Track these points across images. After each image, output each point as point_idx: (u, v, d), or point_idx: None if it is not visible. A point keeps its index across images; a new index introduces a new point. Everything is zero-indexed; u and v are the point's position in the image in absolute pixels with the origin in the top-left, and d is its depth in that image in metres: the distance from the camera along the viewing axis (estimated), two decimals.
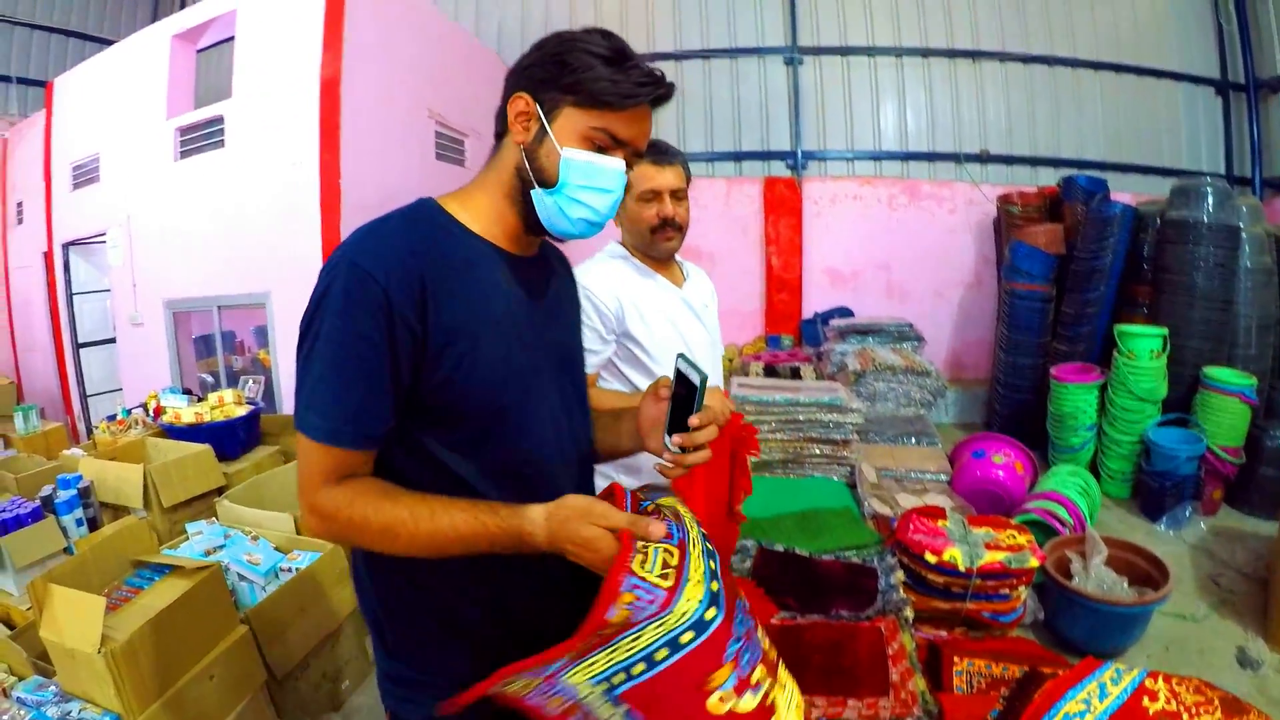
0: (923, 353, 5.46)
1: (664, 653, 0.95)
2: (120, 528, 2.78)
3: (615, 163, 1.14)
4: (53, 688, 2.17)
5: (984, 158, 6.88)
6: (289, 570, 2.71)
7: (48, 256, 7.07)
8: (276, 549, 2.84)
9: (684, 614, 0.96)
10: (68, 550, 2.93)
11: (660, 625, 0.95)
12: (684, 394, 1.14)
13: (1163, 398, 4.61)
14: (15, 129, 7.88)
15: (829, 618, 2.19)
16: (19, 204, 7.71)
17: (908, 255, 7.00)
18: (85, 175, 6.47)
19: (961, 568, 2.68)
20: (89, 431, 6.79)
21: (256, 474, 3.56)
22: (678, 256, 2.17)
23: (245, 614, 2.49)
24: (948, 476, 3.91)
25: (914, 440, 4.28)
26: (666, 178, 1.99)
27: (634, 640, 0.96)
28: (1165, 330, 4.63)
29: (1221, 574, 3.67)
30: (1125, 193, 5.96)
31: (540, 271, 1.30)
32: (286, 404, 5.17)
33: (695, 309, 2.11)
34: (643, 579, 0.97)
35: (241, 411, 3.96)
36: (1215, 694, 1.99)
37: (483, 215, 1.20)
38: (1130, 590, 3.12)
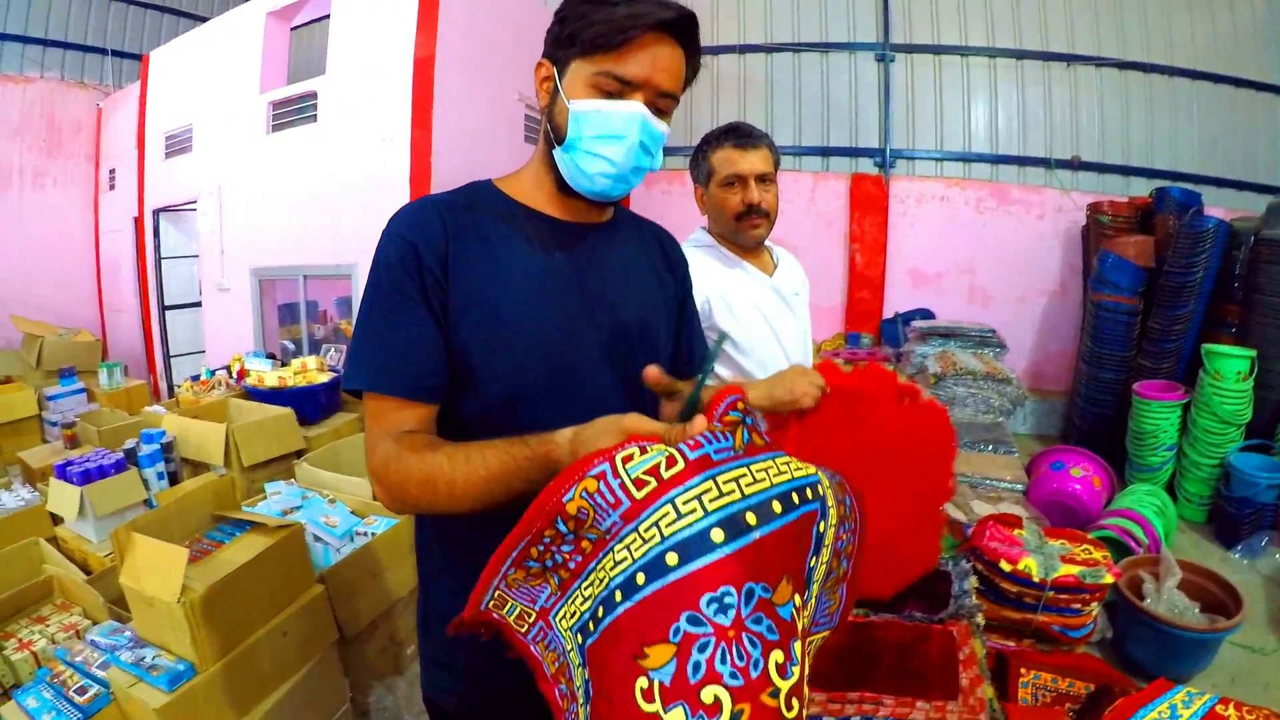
0: (1004, 360, 5.35)
1: (619, 595, 0.74)
2: (203, 483, 2.86)
3: (624, 106, 1.07)
4: (127, 633, 2.20)
5: (1075, 164, 6.69)
6: (364, 535, 2.77)
7: (138, 222, 7.35)
8: (353, 513, 2.90)
9: (647, 542, 0.74)
10: (148, 503, 3.02)
11: (625, 549, 0.75)
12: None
13: (1246, 422, 4.45)
14: (110, 99, 8.19)
15: (902, 617, 2.17)
16: (112, 171, 8.02)
17: (993, 260, 6.86)
18: (178, 145, 6.70)
19: (1036, 578, 2.63)
20: (170, 391, 7.04)
21: (335, 439, 3.65)
22: (768, 242, 2.10)
23: (321, 574, 2.54)
24: (1023, 486, 3.85)
25: (991, 448, 4.22)
26: (751, 162, 1.91)
27: (606, 568, 0.76)
28: (1253, 352, 4.46)
29: None
30: (1219, 208, 5.75)
31: (603, 240, 1.24)
32: None
33: (785, 297, 2.04)
34: (617, 474, 0.76)
35: (324, 378, 4.05)
36: None
37: (529, 186, 1.21)
38: (1201, 616, 3.03)
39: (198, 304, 7.03)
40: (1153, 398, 4.66)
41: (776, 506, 0.78)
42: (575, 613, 0.80)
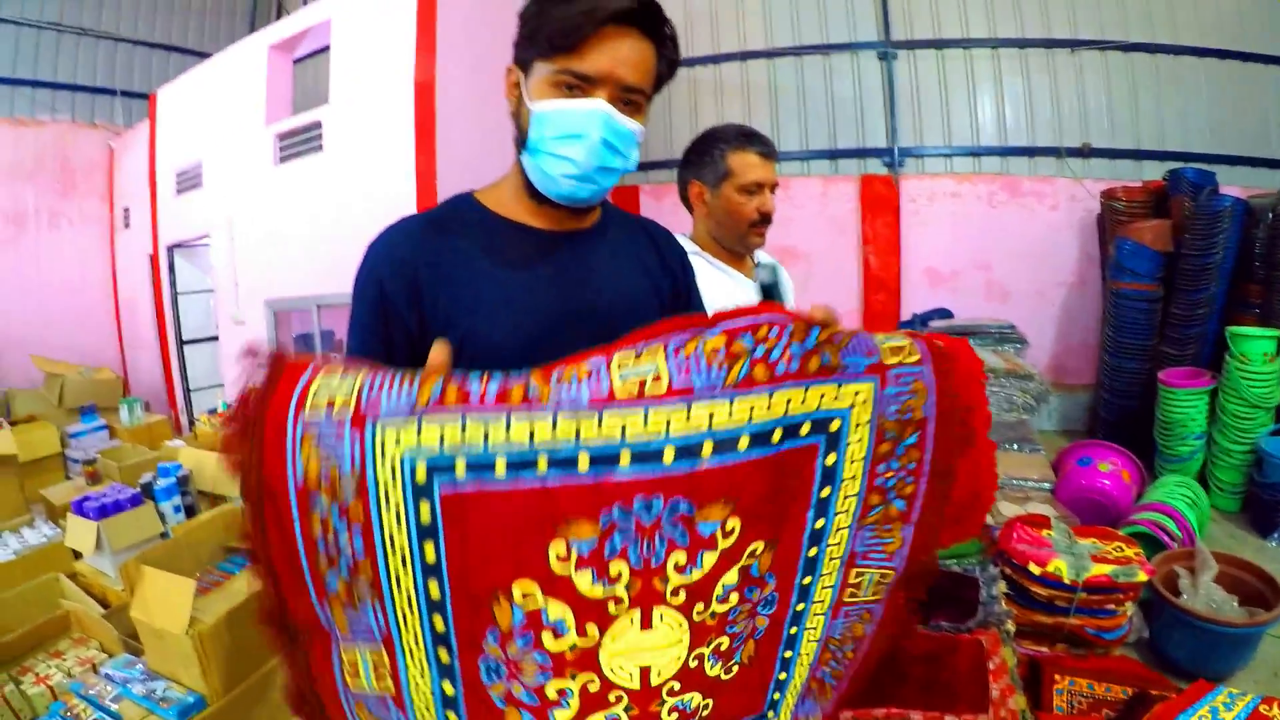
0: (1025, 355, 5.27)
1: (544, 463, 0.80)
2: (216, 514, 2.86)
3: (584, 103, 1.03)
4: (140, 666, 2.21)
5: (1086, 152, 6.59)
6: None
7: (153, 259, 7.43)
8: None
9: (605, 433, 0.82)
10: (164, 535, 3.02)
11: (574, 426, 0.81)
12: None
13: (1277, 404, 4.36)
14: (121, 139, 8.27)
15: (928, 628, 2.13)
16: (126, 210, 8.10)
17: (1008, 254, 6.74)
18: (188, 181, 6.76)
19: (1066, 580, 2.58)
20: (190, 424, 7.08)
21: None
22: None
23: None
24: (1051, 485, 3.78)
25: (1016, 447, 4.15)
26: (771, 172, 1.94)
27: (541, 430, 0.81)
28: (1279, 332, 4.39)
29: None
30: (1234, 186, 5.63)
31: (588, 247, 1.20)
32: None
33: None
34: (609, 369, 0.85)
35: None
36: None
37: (508, 196, 1.19)
38: (1240, 610, 2.95)
39: (215, 338, 7.08)
40: (1179, 385, 4.59)
41: (743, 443, 0.86)
42: (449, 438, 0.80)
